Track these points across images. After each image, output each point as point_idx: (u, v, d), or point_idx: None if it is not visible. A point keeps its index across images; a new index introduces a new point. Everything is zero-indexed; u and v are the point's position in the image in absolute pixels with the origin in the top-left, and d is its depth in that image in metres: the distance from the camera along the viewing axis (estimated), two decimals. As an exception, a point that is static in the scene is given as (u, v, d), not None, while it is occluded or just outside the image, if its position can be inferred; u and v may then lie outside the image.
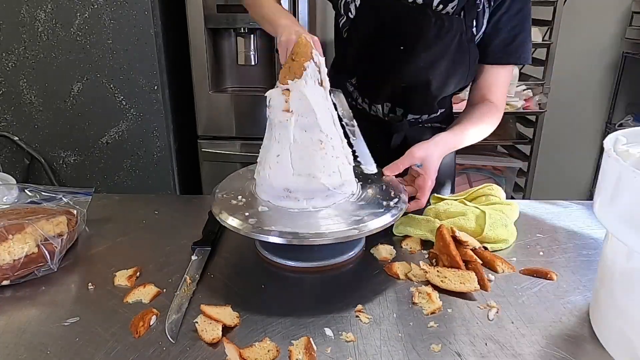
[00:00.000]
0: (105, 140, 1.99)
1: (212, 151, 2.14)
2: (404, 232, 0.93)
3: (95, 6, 1.81)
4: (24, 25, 1.82)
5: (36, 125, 1.96)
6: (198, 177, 2.23)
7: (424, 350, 0.64)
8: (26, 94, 1.91)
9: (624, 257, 0.61)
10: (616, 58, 2.64)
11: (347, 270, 0.84)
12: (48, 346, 0.65)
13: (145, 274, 0.82)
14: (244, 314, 0.71)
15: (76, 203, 0.95)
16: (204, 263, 0.83)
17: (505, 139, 2.39)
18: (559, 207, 1.08)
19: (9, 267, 0.76)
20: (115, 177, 2.04)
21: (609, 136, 0.65)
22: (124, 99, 1.93)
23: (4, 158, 2.00)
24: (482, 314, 0.72)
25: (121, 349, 0.64)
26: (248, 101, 2.07)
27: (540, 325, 0.69)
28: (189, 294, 0.75)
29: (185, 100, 2.10)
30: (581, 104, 2.73)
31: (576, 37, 2.54)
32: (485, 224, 0.89)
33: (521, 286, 0.78)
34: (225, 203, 0.83)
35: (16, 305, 0.74)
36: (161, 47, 1.91)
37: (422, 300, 0.74)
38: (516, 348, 0.65)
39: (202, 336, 0.66)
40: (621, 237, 0.58)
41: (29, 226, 0.80)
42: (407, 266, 0.83)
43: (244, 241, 0.89)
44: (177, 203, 1.11)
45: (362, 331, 0.68)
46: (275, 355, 0.63)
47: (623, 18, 2.58)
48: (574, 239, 0.94)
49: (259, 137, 0.89)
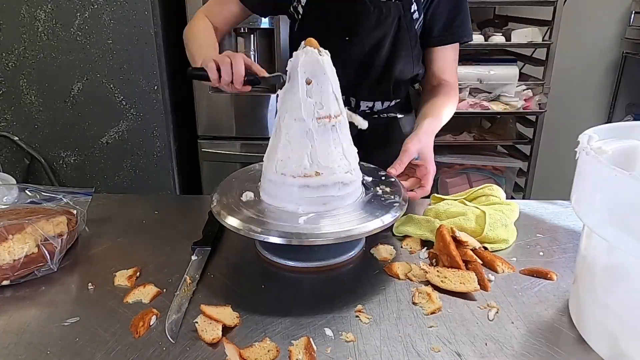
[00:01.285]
0: (105, 140, 1.99)
1: (212, 151, 2.14)
2: (404, 232, 0.93)
3: (95, 6, 1.81)
4: (24, 25, 1.82)
5: (36, 125, 1.96)
6: (198, 177, 2.23)
7: (424, 350, 0.64)
8: (26, 94, 1.91)
9: (604, 252, 0.62)
10: (616, 58, 2.64)
11: (347, 270, 0.84)
12: (48, 346, 0.65)
13: (145, 274, 0.82)
14: (244, 314, 0.71)
15: (76, 203, 0.95)
16: (204, 263, 0.83)
17: (505, 139, 2.39)
18: (559, 207, 1.08)
19: (9, 267, 0.76)
20: (115, 177, 2.04)
21: (582, 134, 0.67)
22: (124, 99, 1.93)
23: (4, 158, 2.00)
24: (482, 314, 0.72)
25: (121, 349, 0.64)
26: (248, 101, 2.07)
27: (541, 326, 0.69)
28: (189, 294, 0.75)
29: (185, 100, 2.10)
30: (581, 104, 2.72)
31: (576, 37, 2.54)
32: (485, 223, 0.89)
33: (521, 286, 0.78)
34: (225, 203, 0.83)
35: (16, 305, 0.74)
36: (161, 47, 1.91)
37: (422, 300, 0.74)
38: (516, 348, 0.65)
39: (202, 336, 0.66)
40: (601, 233, 0.59)
41: (29, 226, 0.80)
42: (407, 266, 0.83)
43: (244, 241, 0.89)
44: (177, 203, 1.11)
45: (362, 331, 0.68)
46: (275, 355, 0.63)
47: (623, 18, 2.58)
48: (574, 239, 0.94)
49: (259, 137, 0.89)
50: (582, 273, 0.68)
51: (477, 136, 2.36)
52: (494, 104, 2.20)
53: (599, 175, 0.59)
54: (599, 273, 0.64)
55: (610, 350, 0.62)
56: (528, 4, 2.30)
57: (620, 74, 2.63)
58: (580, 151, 0.63)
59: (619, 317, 0.61)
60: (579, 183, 0.64)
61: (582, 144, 0.64)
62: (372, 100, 1.18)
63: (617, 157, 0.67)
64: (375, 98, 1.18)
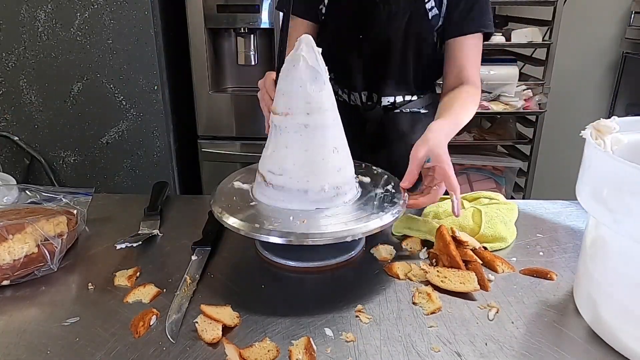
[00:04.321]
0: (105, 140, 1.99)
1: (212, 151, 2.14)
2: (404, 232, 0.93)
3: (95, 6, 1.81)
4: (24, 25, 1.82)
5: (36, 125, 1.96)
6: (198, 177, 2.23)
7: (424, 350, 0.64)
8: (26, 94, 1.91)
9: (593, 228, 0.69)
10: (616, 58, 2.64)
11: (347, 270, 0.84)
12: (48, 346, 0.65)
13: (145, 274, 0.82)
14: (244, 314, 0.71)
15: (76, 203, 0.95)
16: (204, 263, 0.83)
17: (505, 139, 2.38)
18: (559, 207, 1.08)
19: (9, 267, 0.76)
20: (115, 177, 2.04)
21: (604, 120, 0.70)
22: (124, 99, 1.93)
23: (4, 158, 2.00)
24: (482, 314, 0.72)
25: (121, 349, 0.64)
26: (248, 101, 2.07)
27: (540, 325, 0.69)
28: (189, 294, 0.75)
29: (185, 100, 2.10)
30: (581, 104, 2.72)
31: (576, 37, 2.54)
32: (482, 221, 0.89)
33: (521, 286, 0.78)
34: (225, 203, 0.83)
35: (16, 305, 0.74)
36: (161, 47, 1.91)
37: (422, 300, 0.74)
38: (516, 348, 0.65)
39: (202, 336, 0.66)
40: (589, 209, 0.65)
41: (29, 226, 0.80)
42: (407, 266, 0.83)
43: (244, 241, 0.89)
44: (177, 203, 1.11)
45: (362, 331, 0.68)
46: (275, 355, 0.63)
47: (623, 18, 2.58)
48: (574, 239, 0.93)
49: (259, 137, 0.89)
50: (581, 252, 0.74)
51: (477, 136, 2.36)
52: (494, 104, 2.20)
53: (588, 157, 0.66)
54: (587, 246, 0.71)
55: (592, 315, 0.69)
56: (528, 4, 2.30)
57: (620, 74, 2.63)
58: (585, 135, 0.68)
59: (599, 284, 0.67)
60: (581, 166, 0.69)
61: (587, 129, 0.67)
62: (393, 95, 1.19)
63: (633, 147, 0.70)
64: (395, 93, 1.19)
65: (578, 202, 0.68)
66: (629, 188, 0.57)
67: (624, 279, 0.63)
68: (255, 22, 1.97)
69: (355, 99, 1.21)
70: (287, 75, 0.80)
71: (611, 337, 0.65)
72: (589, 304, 0.70)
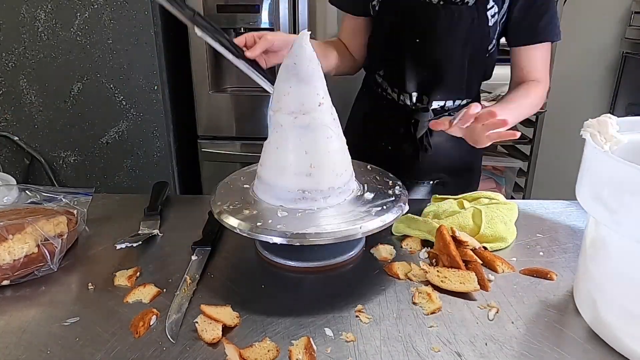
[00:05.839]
0: (105, 140, 1.99)
1: (212, 151, 2.14)
2: (404, 232, 0.93)
3: (95, 6, 1.81)
4: (24, 25, 1.82)
5: (36, 125, 1.96)
6: (198, 177, 2.23)
7: (424, 350, 0.64)
8: (26, 94, 1.91)
9: (593, 228, 0.69)
10: (616, 58, 2.64)
11: (347, 270, 0.84)
12: (48, 346, 0.65)
13: (145, 274, 0.82)
14: (244, 314, 0.71)
15: (76, 203, 0.95)
16: (204, 263, 0.83)
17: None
18: (559, 207, 1.08)
19: (9, 267, 0.76)
20: (115, 177, 2.04)
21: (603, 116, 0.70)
22: (124, 99, 1.93)
23: (4, 158, 2.01)
24: (482, 314, 0.72)
25: (121, 349, 0.64)
26: (248, 101, 2.07)
27: (540, 325, 0.69)
28: (189, 294, 0.75)
29: (185, 100, 2.10)
30: (581, 104, 2.72)
31: (576, 37, 2.53)
32: (482, 221, 0.89)
33: (521, 286, 0.78)
34: (225, 203, 0.83)
35: (16, 305, 0.74)
36: (161, 47, 1.91)
37: (422, 300, 0.74)
38: (516, 348, 0.65)
39: (202, 336, 0.66)
40: (589, 209, 0.66)
41: (29, 226, 0.80)
42: (407, 266, 0.83)
43: (244, 241, 0.89)
44: (177, 203, 1.11)
45: (362, 331, 0.68)
46: (275, 355, 0.63)
47: (623, 18, 2.57)
48: (574, 239, 0.93)
49: (259, 137, 0.89)
50: (582, 252, 0.74)
51: (477, 136, 2.35)
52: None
53: (587, 156, 0.66)
54: (587, 246, 0.71)
55: (592, 315, 0.69)
56: (528, 4, 2.30)
57: (620, 74, 2.63)
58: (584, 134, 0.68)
59: (599, 284, 0.67)
60: (581, 166, 0.69)
61: (585, 127, 0.68)
62: (444, 99, 1.18)
63: (633, 147, 0.70)
64: (447, 97, 1.18)
65: (578, 202, 0.68)
66: (628, 188, 0.57)
67: (624, 279, 0.63)
68: (255, 22, 1.97)
69: (405, 99, 1.19)
70: (285, 73, 0.80)
71: (611, 337, 0.65)
72: (589, 304, 0.70)
